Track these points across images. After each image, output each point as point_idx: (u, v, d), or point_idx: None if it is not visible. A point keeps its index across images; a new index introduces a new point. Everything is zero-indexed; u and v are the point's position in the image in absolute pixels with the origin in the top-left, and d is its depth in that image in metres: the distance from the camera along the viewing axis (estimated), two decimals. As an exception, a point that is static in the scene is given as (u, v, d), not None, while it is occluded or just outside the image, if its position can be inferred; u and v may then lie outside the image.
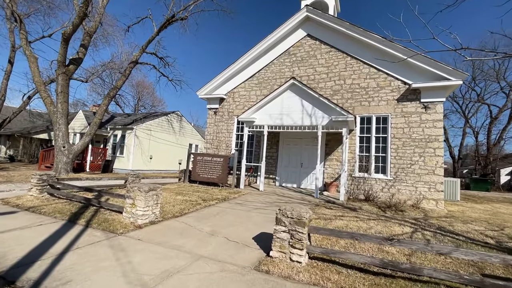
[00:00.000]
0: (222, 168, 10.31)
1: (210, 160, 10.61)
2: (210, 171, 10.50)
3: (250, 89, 12.54)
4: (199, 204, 6.61)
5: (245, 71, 12.68)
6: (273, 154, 11.64)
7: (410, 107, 9.54)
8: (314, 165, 10.87)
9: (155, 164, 19.22)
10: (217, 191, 8.91)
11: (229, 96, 12.99)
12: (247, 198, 8.01)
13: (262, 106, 9.90)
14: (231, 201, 7.40)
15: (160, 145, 19.62)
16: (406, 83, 9.66)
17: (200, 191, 8.70)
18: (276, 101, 9.74)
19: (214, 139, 13.05)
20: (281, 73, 11.95)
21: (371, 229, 4.99)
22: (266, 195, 8.73)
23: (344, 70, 10.80)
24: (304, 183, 10.98)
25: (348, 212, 6.65)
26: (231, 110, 12.83)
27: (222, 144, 12.77)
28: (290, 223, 3.41)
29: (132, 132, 17.30)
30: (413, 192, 9.14)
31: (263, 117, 9.88)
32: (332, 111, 8.72)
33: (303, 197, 8.73)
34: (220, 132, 12.94)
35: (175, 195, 7.60)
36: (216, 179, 10.33)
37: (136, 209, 4.66)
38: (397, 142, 9.59)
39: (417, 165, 9.21)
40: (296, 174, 11.18)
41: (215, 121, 13.17)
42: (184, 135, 22.27)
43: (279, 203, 7.36)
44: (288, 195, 8.94)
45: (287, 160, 11.41)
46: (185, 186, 9.98)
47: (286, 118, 9.49)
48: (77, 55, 12.56)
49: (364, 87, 10.35)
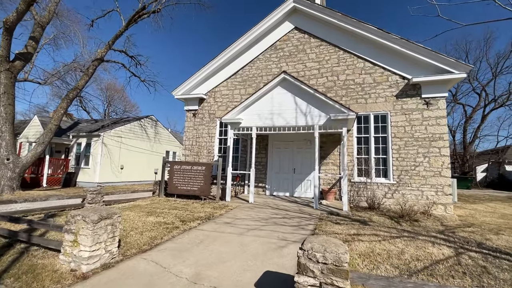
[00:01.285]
0: (204, 178, 8.85)
1: (189, 169, 9.10)
2: (190, 182, 8.99)
3: (234, 88, 11.24)
4: (177, 227, 5.13)
5: (227, 68, 11.38)
6: (262, 159, 10.37)
7: (411, 104, 8.75)
8: (308, 170, 9.74)
9: (127, 175, 17.16)
10: (199, 207, 7.43)
11: (209, 96, 11.58)
12: (236, 214, 6.62)
13: (249, 105, 8.63)
14: (217, 219, 5.98)
15: (133, 154, 17.61)
16: (405, 78, 8.89)
17: (178, 208, 7.17)
18: (265, 99, 8.52)
19: (193, 145, 11.53)
20: (268, 70, 10.79)
21: (404, 254, 3.85)
22: (258, 208, 7.41)
23: (337, 65, 9.87)
24: (298, 191, 9.80)
25: (360, 227, 5.51)
26: (213, 111, 11.43)
27: (203, 150, 11.29)
28: (322, 271, 2.13)
29: (99, 140, 15.21)
30: (419, 197, 8.27)
31: (250, 117, 8.60)
32: (331, 109, 7.66)
33: (300, 208, 7.51)
34: (201, 136, 11.46)
35: (145, 216, 6.03)
36: (198, 191, 8.83)
37: (79, 249, 3.13)
38: (399, 142, 8.73)
39: (421, 166, 8.38)
40: (288, 181, 9.97)
41: (194, 124, 11.67)
42: (160, 141, 20.35)
43: (277, 218, 6.06)
44: (283, 206, 7.68)
45: (277, 166, 10.19)
46: (160, 201, 8.37)
47: (277, 118, 8.28)
48: (25, 49, 10.52)
49: (360, 83, 9.46)
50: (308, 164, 9.77)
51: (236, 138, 10.65)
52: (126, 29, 13.37)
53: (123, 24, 13.33)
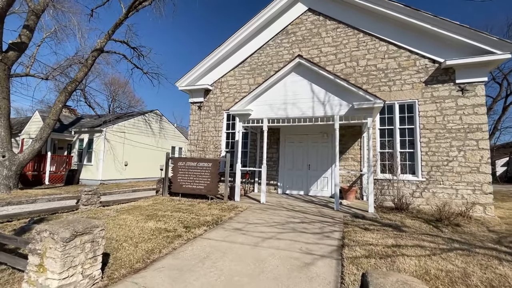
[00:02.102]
0: (211, 175, 8.07)
1: (195, 166, 8.33)
2: (196, 180, 8.23)
3: (241, 77, 10.36)
4: (179, 236, 4.35)
5: (234, 56, 10.48)
6: (273, 155, 9.52)
7: (443, 91, 7.72)
8: (324, 166, 8.85)
9: (132, 172, 16.58)
10: (205, 208, 6.66)
11: (215, 86, 10.74)
12: (247, 217, 5.82)
13: (259, 95, 7.75)
14: (226, 224, 5.19)
15: (137, 150, 17.00)
16: (436, 61, 7.84)
17: (182, 209, 6.42)
18: (277, 88, 7.62)
19: (199, 140, 10.75)
20: (279, 57, 9.85)
21: (469, 276, 2.97)
22: (271, 210, 6.59)
23: (356, 49, 8.85)
24: (314, 190, 8.93)
25: (396, 234, 4.63)
26: (219, 103, 10.59)
27: (209, 145, 10.51)
28: None
29: (101, 136, 14.61)
30: (453, 196, 7.31)
31: (261, 108, 7.73)
32: (354, 96, 6.71)
33: (319, 210, 6.66)
34: (207, 130, 10.66)
35: (145, 220, 5.29)
36: (204, 190, 8.07)
37: (45, 276, 2.37)
38: (428, 134, 7.74)
39: (455, 161, 7.39)
40: (302, 178, 9.11)
41: (199, 117, 10.87)
42: (165, 137, 19.69)
43: (295, 223, 5.23)
44: (300, 208, 6.84)
45: (290, 162, 9.33)
46: (163, 201, 7.65)
47: (291, 108, 7.39)
48: (18, 38, 9.85)
49: (383, 69, 8.45)
50: (324, 159, 8.87)
51: (244, 132, 9.81)
52: (126, 17, 12.57)
53: (123, 12, 12.53)
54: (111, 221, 5.21)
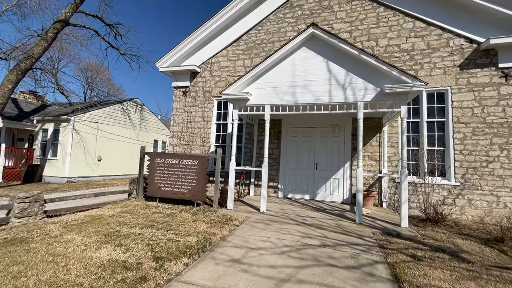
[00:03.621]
0: (198, 175, 6.41)
1: (177, 164, 6.63)
2: (178, 182, 6.55)
3: (236, 58, 8.67)
4: (143, 280, 2.71)
5: (228, 33, 8.76)
6: (273, 151, 7.95)
7: (482, 77, 6.39)
8: (335, 166, 7.39)
9: (107, 168, 14.57)
10: (189, 220, 5.02)
11: (204, 68, 8.99)
12: (247, 237, 4.24)
13: (260, 74, 6.13)
14: (217, 252, 3.58)
15: (114, 143, 14.96)
16: (474, 41, 6.48)
17: (156, 223, 4.75)
18: (283, 66, 6.02)
19: (184, 132, 9.01)
20: (281, 34, 8.23)
21: None
22: (275, 222, 5.04)
23: (375, 26, 7.37)
24: (321, 193, 7.46)
25: (466, 269, 3.20)
26: (209, 88, 8.87)
27: (196, 138, 8.80)
28: None
29: (68, 125, 12.50)
30: (493, 204, 6.03)
31: (262, 92, 6.11)
32: (384, 77, 5.22)
33: (337, 223, 5.17)
34: (193, 121, 8.94)
35: (97, 245, 3.59)
36: (188, 194, 6.41)
37: None
38: (464, 129, 6.41)
39: (497, 162, 6.10)
40: (308, 180, 7.61)
41: (184, 105, 9.12)
42: (147, 129, 17.69)
43: (314, 248, 3.69)
44: (311, 219, 5.33)
45: (294, 160, 7.80)
46: (135, 208, 5.93)
47: (301, 92, 5.81)
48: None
49: (408, 50, 7.02)
50: (335, 157, 7.40)
51: (239, 123, 8.18)
52: (98, -15, 10.49)
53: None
54: (45, 247, 3.48)
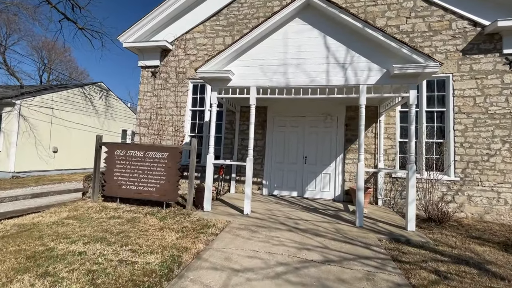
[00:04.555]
0: (168, 171, 5.30)
1: (142, 157, 5.46)
2: (144, 178, 5.39)
3: (215, 35, 7.50)
4: None
5: (205, 5, 7.54)
6: (257, 143, 7.00)
7: (485, 63, 5.89)
8: (326, 160, 6.63)
9: (65, 161, 12.75)
10: (155, 227, 3.95)
11: (178, 46, 7.73)
12: (228, 251, 3.28)
13: (245, 50, 5.09)
14: (187, 279, 2.58)
15: (73, 132, 13.12)
16: (478, 24, 5.94)
17: (111, 232, 3.63)
18: (273, 40, 5.03)
19: (153, 120, 7.74)
20: (267, 9, 7.19)
21: None
22: (263, 229, 4.13)
23: (372, 3, 6.60)
24: (311, 190, 6.69)
25: (509, 292, 2.53)
26: (183, 69, 7.64)
27: (168, 127, 7.59)
28: None
29: (13, 111, 10.56)
30: (493, 201, 5.63)
31: (247, 71, 5.09)
32: (391, 56, 4.44)
33: (334, 226, 4.39)
34: (164, 106, 7.69)
35: (13, 270, 2.43)
36: (156, 194, 5.29)
37: None
38: (465, 120, 5.91)
39: (498, 156, 5.68)
40: (296, 175, 6.80)
41: (154, 88, 7.82)
42: (113, 117, 15.87)
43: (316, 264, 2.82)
44: (303, 222, 4.50)
45: (280, 153, 6.92)
46: (87, 212, 4.71)
47: (294, 72, 4.88)
48: None
49: (407, 32, 6.35)
50: (326, 150, 6.64)
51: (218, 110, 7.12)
52: None
53: None
54: None
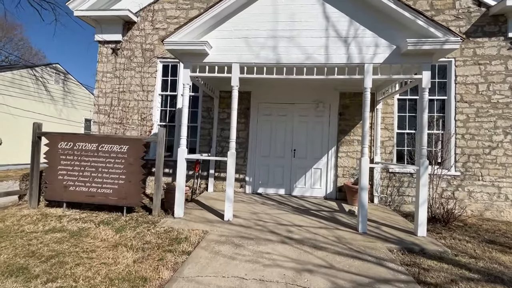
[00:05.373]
0: (128, 168, 4.23)
1: (94, 151, 4.32)
2: (98, 178, 4.28)
3: (189, 6, 6.34)
4: None
5: (177, -31, 6.33)
6: (239, 134, 6.08)
7: (489, 48, 5.40)
8: (317, 153, 5.90)
9: (11, 155, 10.93)
10: (106, 244, 2.93)
11: (144, 17, 6.47)
12: (204, 280, 2.39)
13: (225, 17, 4.07)
14: None
15: (23, 121, 11.26)
16: (482, 4, 5.41)
17: (39, 256, 2.56)
18: (260, 7, 4.06)
19: (114, 106, 6.49)
20: (251, -23, 6.14)
21: None
22: (250, 241, 3.28)
23: (370, -24, 5.82)
24: (300, 187, 5.94)
25: None
26: (150, 46, 6.42)
27: (133, 115, 6.40)
28: None
29: None
30: (493, 197, 5.25)
31: (228, 43, 4.09)
32: (401, 28, 3.68)
33: (334, 234, 3.66)
34: (128, 90, 6.46)
35: None
36: (114, 196, 4.21)
37: None
38: (467, 110, 5.43)
39: (500, 149, 5.29)
40: (283, 170, 6.00)
41: (115, 68, 6.53)
42: (74, 105, 14.00)
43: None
44: (297, 229, 3.72)
45: (266, 146, 6.07)
46: (20, 221, 3.55)
47: (286, 46, 3.98)
48: None
49: (408, 10, 5.67)
50: (317, 142, 5.90)
51: (194, 95, 6.09)
52: None
53: None
54: None
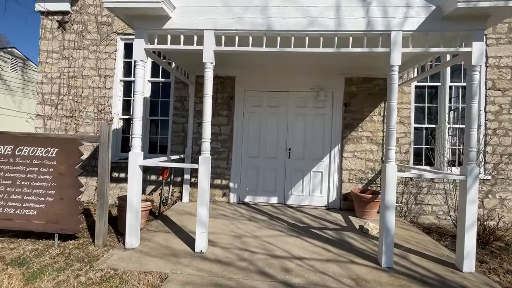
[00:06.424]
0: (59, 180, 2.99)
1: (11, 157, 3.04)
2: (16, 194, 3.02)
3: (156, -32, 5.00)
4: None
5: None
6: (220, 129, 4.89)
7: (528, 22, 4.41)
8: (317, 153, 4.80)
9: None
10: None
11: (98, -19, 5.09)
12: None
13: (194, -37, 2.84)
14: None
15: (-28, 115, 9.62)
16: (521, -32, 4.38)
17: None
18: (244, -52, 2.85)
19: (63, 95, 5.15)
20: None
21: None
22: (228, 295, 2.17)
23: None
24: (296, 194, 4.85)
25: None
26: (107, 18, 5.07)
27: (87, 105, 5.08)
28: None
29: None
30: (530, 205, 4.34)
31: (198, 2, 2.88)
32: (453, -22, 2.58)
33: (351, 272, 2.57)
34: (80, 75, 5.11)
35: None
36: (39, 220, 2.97)
37: None
38: (500, 99, 4.45)
39: (539, 147, 4.36)
40: (276, 174, 4.88)
41: (63, 47, 5.15)
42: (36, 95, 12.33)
43: None
44: (298, 268, 2.62)
45: (255, 144, 4.92)
46: None
47: (280, 6, 2.81)
48: None
49: (429, -25, 4.57)
50: (318, 139, 4.80)
51: (164, 82, 4.83)
52: None
53: None
54: None
